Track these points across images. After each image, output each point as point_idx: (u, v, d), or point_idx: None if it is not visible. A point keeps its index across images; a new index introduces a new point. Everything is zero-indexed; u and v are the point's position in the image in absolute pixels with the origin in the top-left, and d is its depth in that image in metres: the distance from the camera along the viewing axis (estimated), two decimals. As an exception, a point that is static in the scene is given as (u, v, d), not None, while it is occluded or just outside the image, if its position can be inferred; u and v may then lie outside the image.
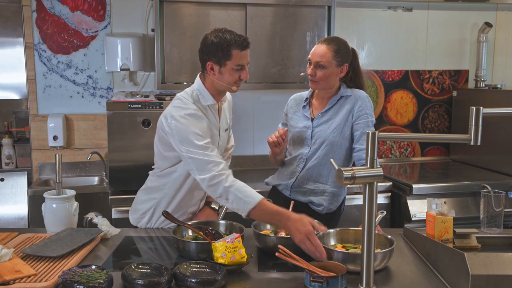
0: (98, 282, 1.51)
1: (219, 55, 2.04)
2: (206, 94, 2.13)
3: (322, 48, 2.29)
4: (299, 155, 2.41)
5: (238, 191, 1.93)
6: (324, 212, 2.38)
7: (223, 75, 2.08)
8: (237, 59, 2.05)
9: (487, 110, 1.48)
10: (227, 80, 2.09)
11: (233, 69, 2.06)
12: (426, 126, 4.18)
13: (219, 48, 2.02)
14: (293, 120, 2.47)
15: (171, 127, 2.04)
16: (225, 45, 2.02)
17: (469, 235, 1.96)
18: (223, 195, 1.95)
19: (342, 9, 3.84)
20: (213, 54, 2.04)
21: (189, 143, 2.00)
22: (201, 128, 2.04)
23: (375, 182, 1.50)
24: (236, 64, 2.05)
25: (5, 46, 3.90)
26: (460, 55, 4.17)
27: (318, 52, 2.30)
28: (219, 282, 1.56)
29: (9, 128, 3.97)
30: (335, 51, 2.29)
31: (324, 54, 2.28)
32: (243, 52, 2.06)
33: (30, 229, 2.42)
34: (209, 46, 2.05)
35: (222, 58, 2.04)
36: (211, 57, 2.06)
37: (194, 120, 2.04)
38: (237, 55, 2.04)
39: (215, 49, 2.03)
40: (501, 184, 3.28)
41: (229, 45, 2.02)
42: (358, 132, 2.31)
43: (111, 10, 3.59)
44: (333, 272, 1.58)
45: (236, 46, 2.03)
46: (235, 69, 2.07)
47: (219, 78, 2.09)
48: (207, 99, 2.14)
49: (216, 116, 2.21)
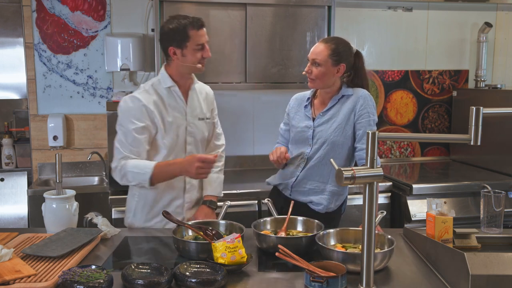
0: (98, 282, 1.51)
1: (178, 39, 2.16)
2: (165, 78, 2.26)
3: (319, 47, 2.32)
4: (300, 155, 2.41)
5: (133, 168, 2.12)
6: (324, 212, 2.38)
7: (186, 57, 2.19)
8: (196, 39, 2.17)
9: (487, 110, 1.48)
10: (191, 61, 2.20)
11: (194, 49, 2.18)
12: (426, 126, 4.18)
13: (177, 32, 2.16)
14: (295, 119, 2.47)
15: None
16: (182, 28, 2.15)
17: (469, 235, 1.96)
18: (124, 177, 2.16)
19: (342, 9, 3.84)
20: (173, 39, 2.17)
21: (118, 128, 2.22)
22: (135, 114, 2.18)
23: (375, 182, 1.50)
24: (196, 44, 2.17)
25: (5, 46, 3.90)
26: (460, 55, 4.17)
27: (315, 50, 2.32)
28: (219, 282, 1.56)
29: (9, 128, 3.97)
30: (332, 50, 2.30)
31: (320, 52, 2.30)
32: (199, 32, 2.18)
33: (30, 229, 2.42)
34: (167, 33, 2.18)
35: (181, 41, 2.16)
36: (171, 43, 2.18)
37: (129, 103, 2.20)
38: (195, 34, 2.16)
39: (173, 34, 2.16)
40: (501, 184, 3.28)
41: (185, 27, 2.15)
42: (360, 131, 2.31)
43: (111, 10, 3.59)
44: (333, 272, 1.58)
45: (192, 26, 2.16)
46: (196, 49, 2.18)
47: (183, 61, 2.20)
48: (166, 82, 2.25)
49: (180, 99, 2.28)
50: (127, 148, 2.17)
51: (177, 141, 2.26)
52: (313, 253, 1.86)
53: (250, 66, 3.40)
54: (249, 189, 3.14)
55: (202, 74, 3.38)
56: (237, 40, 3.36)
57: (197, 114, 2.34)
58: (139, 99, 2.19)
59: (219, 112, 3.02)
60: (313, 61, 2.31)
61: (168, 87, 2.25)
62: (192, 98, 2.33)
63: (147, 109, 2.18)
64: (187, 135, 2.29)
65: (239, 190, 3.13)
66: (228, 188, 3.22)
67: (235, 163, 3.82)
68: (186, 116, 2.29)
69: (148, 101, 2.19)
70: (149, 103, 2.19)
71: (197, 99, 2.36)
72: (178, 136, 2.25)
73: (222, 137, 2.57)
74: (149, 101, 2.20)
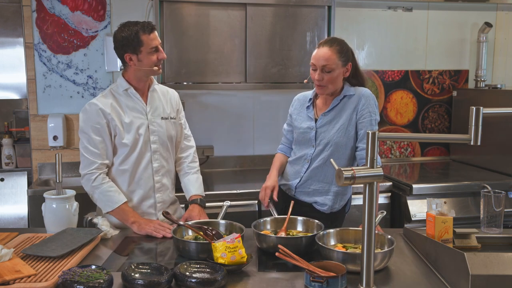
0: (98, 282, 1.51)
1: (132, 45, 2.22)
2: (122, 82, 2.32)
3: (325, 51, 2.25)
4: (304, 156, 2.41)
5: (102, 195, 2.24)
6: (328, 212, 2.38)
7: (142, 61, 2.25)
8: (148, 43, 2.23)
9: (487, 110, 1.48)
10: (148, 64, 2.25)
11: (148, 53, 2.24)
12: (426, 126, 4.18)
13: (129, 39, 2.21)
14: (297, 121, 2.47)
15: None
16: (133, 34, 2.21)
17: (469, 235, 1.96)
18: (90, 192, 2.26)
19: (342, 9, 3.84)
20: (127, 46, 2.23)
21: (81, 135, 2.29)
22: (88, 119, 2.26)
23: (375, 182, 1.50)
24: (149, 48, 2.23)
25: (5, 46, 3.89)
26: (460, 55, 4.17)
27: (322, 55, 2.25)
28: (219, 282, 1.56)
29: (9, 128, 3.96)
30: (339, 51, 2.27)
31: (329, 57, 2.24)
32: (151, 35, 2.24)
33: (30, 229, 2.42)
34: (121, 41, 2.24)
35: (135, 47, 2.22)
36: (126, 50, 2.24)
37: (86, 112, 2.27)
38: (147, 39, 2.22)
39: (126, 41, 2.22)
40: (501, 184, 3.28)
41: (137, 33, 2.21)
42: (362, 130, 2.30)
43: (111, 10, 3.59)
44: (333, 272, 1.58)
45: (143, 31, 2.22)
46: (150, 52, 2.24)
47: (140, 65, 2.26)
48: (122, 85, 2.31)
49: (138, 100, 2.33)
50: (93, 154, 2.24)
51: (140, 140, 2.30)
52: (313, 253, 1.87)
53: (250, 66, 3.40)
54: (249, 189, 3.14)
55: (203, 74, 3.40)
56: (237, 40, 3.36)
57: (159, 113, 2.38)
58: (96, 103, 2.26)
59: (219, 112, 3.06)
60: (323, 68, 2.25)
61: (125, 90, 2.31)
62: (153, 98, 2.38)
63: (104, 112, 2.25)
64: (150, 134, 2.33)
65: (239, 190, 3.13)
66: (228, 188, 3.23)
67: (235, 163, 3.82)
68: (147, 116, 2.34)
69: (105, 104, 2.26)
70: (105, 107, 2.26)
71: (158, 99, 2.40)
72: (140, 135, 2.30)
73: (192, 138, 2.60)
74: (106, 105, 2.26)
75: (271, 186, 2.37)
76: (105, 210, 2.24)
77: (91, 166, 2.23)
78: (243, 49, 3.38)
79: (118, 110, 2.28)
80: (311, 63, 2.30)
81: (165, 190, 2.40)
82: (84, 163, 2.25)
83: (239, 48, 3.37)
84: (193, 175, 2.48)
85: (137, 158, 2.30)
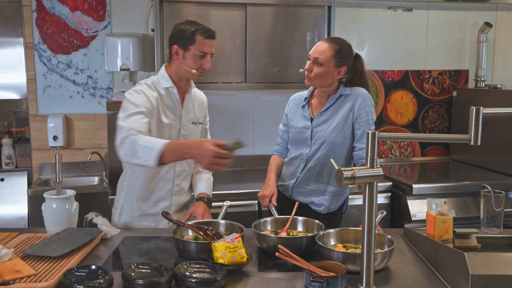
0: (98, 282, 1.51)
1: (184, 40, 2.18)
2: (166, 78, 2.26)
3: (323, 46, 2.29)
4: (300, 156, 2.41)
5: (145, 142, 1.93)
6: (325, 212, 2.38)
7: (186, 60, 2.20)
8: (200, 46, 2.18)
9: (487, 110, 1.48)
10: (190, 65, 2.20)
11: (195, 55, 2.18)
12: (426, 126, 4.18)
13: (185, 33, 2.18)
14: (293, 120, 2.47)
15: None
16: (191, 30, 2.17)
17: (469, 235, 1.95)
18: (131, 150, 1.94)
19: (342, 9, 3.84)
20: (179, 39, 2.19)
21: (122, 112, 2.12)
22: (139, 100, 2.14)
23: (375, 182, 1.49)
24: (199, 50, 2.18)
25: (5, 46, 3.90)
26: (460, 55, 4.17)
27: (318, 48, 2.30)
28: (219, 282, 1.56)
29: (9, 128, 3.96)
30: (335, 50, 2.27)
31: (324, 51, 2.27)
32: (206, 40, 2.19)
33: (30, 229, 2.42)
34: (177, 31, 2.21)
35: (186, 43, 2.17)
36: (177, 41, 2.20)
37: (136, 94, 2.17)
38: (201, 41, 2.17)
39: (181, 34, 2.19)
40: (501, 184, 3.28)
41: (194, 31, 2.17)
42: (359, 131, 2.30)
43: (111, 10, 3.59)
44: (333, 272, 1.58)
45: (201, 33, 2.18)
46: (197, 55, 2.18)
47: (183, 62, 2.21)
48: (165, 82, 2.25)
49: (177, 101, 2.28)
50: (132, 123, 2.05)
51: None
52: (313, 253, 1.87)
53: (250, 66, 3.40)
54: (249, 189, 3.14)
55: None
56: (237, 40, 3.36)
57: (191, 118, 2.35)
58: (144, 91, 2.18)
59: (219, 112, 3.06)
60: (314, 60, 2.29)
61: (166, 88, 2.25)
62: (188, 102, 2.34)
63: (151, 102, 2.17)
64: (180, 138, 2.29)
65: (239, 190, 3.13)
66: (228, 188, 3.23)
67: (235, 163, 3.82)
68: (181, 119, 2.30)
69: (151, 95, 2.19)
70: (152, 98, 2.18)
71: (191, 103, 2.37)
72: (170, 138, 2.22)
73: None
74: (152, 96, 2.19)
75: (270, 194, 2.38)
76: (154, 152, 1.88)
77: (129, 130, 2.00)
78: (243, 49, 3.38)
79: (159, 107, 2.22)
80: (308, 54, 2.35)
81: (182, 193, 2.39)
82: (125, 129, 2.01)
83: (239, 48, 3.38)
84: (206, 175, 2.47)
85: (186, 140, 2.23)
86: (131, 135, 1.97)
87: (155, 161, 1.88)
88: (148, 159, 1.90)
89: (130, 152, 1.95)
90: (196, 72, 2.21)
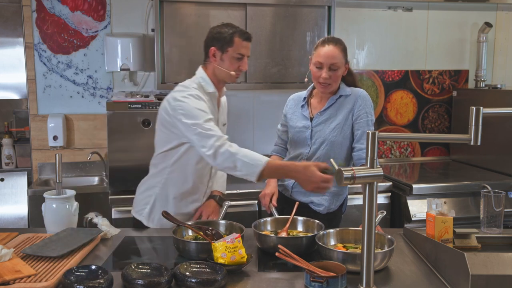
0: (98, 282, 1.51)
1: (222, 41, 2.18)
2: (208, 82, 2.24)
3: (333, 50, 2.27)
4: (299, 155, 2.41)
5: (245, 157, 2.00)
6: (325, 212, 2.38)
7: (223, 62, 2.20)
8: (238, 47, 2.18)
9: (487, 110, 1.48)
10: (227, 67, 2.20)
11: (233, 57, 2.19)
12: (426, 126, 4.18)
13: (223, 35, 2.18)
14: (292, 120, 2.47)
15: (175, 108, 2.12)
16: (229, 32, 2.18)
17: (469, 235, 1.96)
18: (230, 163, 2.00)
19: (342, 9, 3.84)
20: (217, 40, 2.19)
21: (193, 119, 2.08)
22: (203, 106, 2.13)
23: (375, 182, 1.49)
24: (237, 52, 2.18)
25: (5, 46, 3.89)
26: (460, 55, 4.17)
27: (330, 54, 2.26)
28: (219, 282, 1.56)
29: (9, 128, 3.96)
30: (343, 50, 2.30)
31: (337, 55, 2.27)
32: (244, 42, 2.20)
33: (30, 229, 2.42)
34: (214, 34, 2.21)
35: (224, 45, 2.18)
36: (214, 43, 2.20)
37: (196, 99, 2.14)
38: (239, 43, 2.18)
39: (219, 36, 2.19)
40: (501, 184, 3.28)
41: (233, 33, 2.18)
42: (358, 131, 2.30)
43: (111, 10, 3.59)
44: (333, 272, 1.58)
45: (239, 35, 2.18)
46: (235, 58, 2.19)
47: (220, 64, 2.21)
48: (209, 86, 2.24)
49: (215, 106, 2.29)
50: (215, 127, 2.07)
51: None
52: (313, 253, 1.87)
53: (250, 66, 3.39)
54: (249, 189, 3.14)
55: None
56: (237, 40, 3.36)
57: (222, 120, 2.40)
58: (200, 96, 2.15)
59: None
60: (330, 66, 2.26)
61: (209, 92, 2.23)
62: (222, 105, 2.37)
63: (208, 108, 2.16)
64: None
65: (239, 190, 3.13)
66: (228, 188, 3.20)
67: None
68: (218, 123, 2.30)
69: (205, 100, 2.18)
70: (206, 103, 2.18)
71: (222, 106, 2.40)
72: None
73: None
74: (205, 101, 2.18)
75: (270, 194, 2.38)
76: (256, 169, 1.97)
77: (221, 138, 2.03)
78: (243, 49, 3.38)
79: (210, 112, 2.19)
80: (317, 62, 2.29)
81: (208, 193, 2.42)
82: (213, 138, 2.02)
83: (239, 48, 3.37)
84: (220, 172, 2.48)
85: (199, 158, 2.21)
86: (226, 145, 2.02)
87: (256, 178, 2.00)
88: (249, 174, 2.00)
89: (229, 165, 2.01)
90: (234, 74, 2.22)
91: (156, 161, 2.31)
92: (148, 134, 3.09)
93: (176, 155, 2.23)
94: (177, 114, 2.11)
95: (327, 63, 2.26)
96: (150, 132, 3.09)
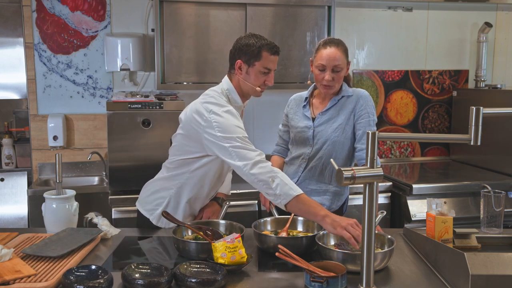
0: (98, 282, 1.51)
1: (249, 55, 2.09)
2: (235, 95, 2.17)
3: (335, 51, 2.26)
4: (301, 155, 2.41)
5: (284, 178, 1.94)
6: (326, 212, 2.38)
7: (249, 75, 2.12)
8: (266, 62, 2.10)
9: (487, 110, 1.48)
10: (253, 81, 2.13)
11: (259, 72, 2.11)
12: (426, 126, 4.18)
13: (251, 48, 2.09)
14: (294, 120, 2.47)
15: (210, 121, 2.03)
16: (257, 45, 2.09)
17: (469, 235, 1.96)
18: (269, 178, 1.93)
19: (342, 9, 3.84)
20: (244, 53, 2.10)
21: (232, 135, 2.00)
22: (240, 124, 2.08)
23: (375, 182, 1.50)
24: (264, 67, 2.10)
25: (5, 46, 3.89)
26: (460, 55, 4.17)
27: (334, 56, 2.26)
28: (219, 282, 1.56)
29: (9, 128, 3.96)
30: (345, 51, 2.30)
31: (340, 56, 2.26)
32: (272, 57, 2.12)
33: (30, 229, 2.42)
34: (242, 45, 2.11)
35: (251, 58, 2.09)
36: (241, 56, 2.11)
37: (233, 116, 2.07)
38: (267, 57, 2.10)
39: (247, 48, 2.10)
40: (501, 184, 3.28)
41: (261, 46, 2.09)
42: (360, 131, 2.31)
43: (111, 10, 3.59)
44: (333, 272, 1.58)
45: (267, 49, 2.10)
46: (261, 72, 2.11)
47: (246, 78, 2.13)
48: (236, 100, 2.18)
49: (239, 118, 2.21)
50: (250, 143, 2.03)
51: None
52: (313, 253, 1.87)
53: (250, 66, 3.40)
54: (249, 189, 3.13)
55: (203, 74, 3.40)
56: (237, 40, 3.36)
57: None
58: (233, 112, 2.09)
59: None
60: (334, 68, 2.26)
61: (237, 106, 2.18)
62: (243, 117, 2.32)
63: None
64: None
65: (239, 190, 3.12)
66: (228, 188, 3.23)
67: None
68: None
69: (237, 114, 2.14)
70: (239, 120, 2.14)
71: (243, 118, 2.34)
72: None
73: None
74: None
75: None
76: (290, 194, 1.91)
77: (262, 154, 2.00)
78: (243, 49, 3.38)
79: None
80: (319, 64, 2.28)
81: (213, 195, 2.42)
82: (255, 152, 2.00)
83: (239, 48, 3.37)
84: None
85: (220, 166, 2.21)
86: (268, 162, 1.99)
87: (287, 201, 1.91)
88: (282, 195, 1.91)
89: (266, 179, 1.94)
90: (260, 89, 2.15)
91: (174, 165, 2.23)
92: (148, 134, 3.09)
93: (197, 164, 2.17)
94: (213, 127, 2.02)
95: (330, 65, 2.26)
96: (150, 132, 3.10)
